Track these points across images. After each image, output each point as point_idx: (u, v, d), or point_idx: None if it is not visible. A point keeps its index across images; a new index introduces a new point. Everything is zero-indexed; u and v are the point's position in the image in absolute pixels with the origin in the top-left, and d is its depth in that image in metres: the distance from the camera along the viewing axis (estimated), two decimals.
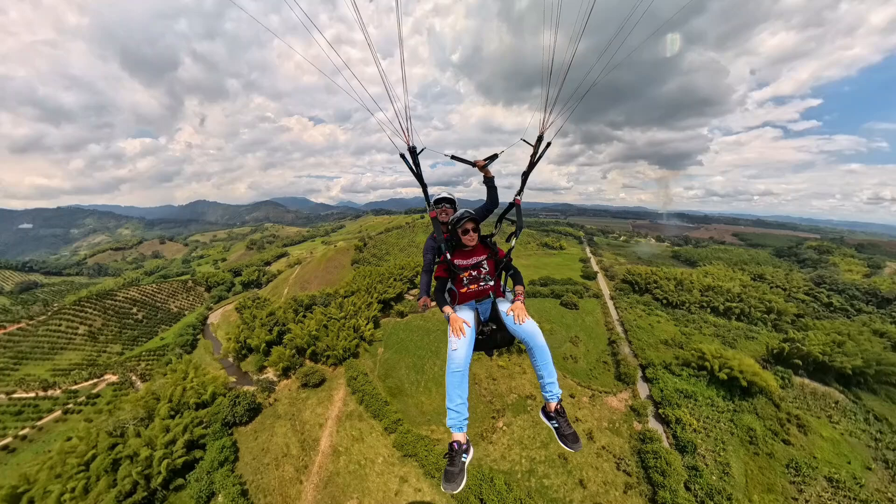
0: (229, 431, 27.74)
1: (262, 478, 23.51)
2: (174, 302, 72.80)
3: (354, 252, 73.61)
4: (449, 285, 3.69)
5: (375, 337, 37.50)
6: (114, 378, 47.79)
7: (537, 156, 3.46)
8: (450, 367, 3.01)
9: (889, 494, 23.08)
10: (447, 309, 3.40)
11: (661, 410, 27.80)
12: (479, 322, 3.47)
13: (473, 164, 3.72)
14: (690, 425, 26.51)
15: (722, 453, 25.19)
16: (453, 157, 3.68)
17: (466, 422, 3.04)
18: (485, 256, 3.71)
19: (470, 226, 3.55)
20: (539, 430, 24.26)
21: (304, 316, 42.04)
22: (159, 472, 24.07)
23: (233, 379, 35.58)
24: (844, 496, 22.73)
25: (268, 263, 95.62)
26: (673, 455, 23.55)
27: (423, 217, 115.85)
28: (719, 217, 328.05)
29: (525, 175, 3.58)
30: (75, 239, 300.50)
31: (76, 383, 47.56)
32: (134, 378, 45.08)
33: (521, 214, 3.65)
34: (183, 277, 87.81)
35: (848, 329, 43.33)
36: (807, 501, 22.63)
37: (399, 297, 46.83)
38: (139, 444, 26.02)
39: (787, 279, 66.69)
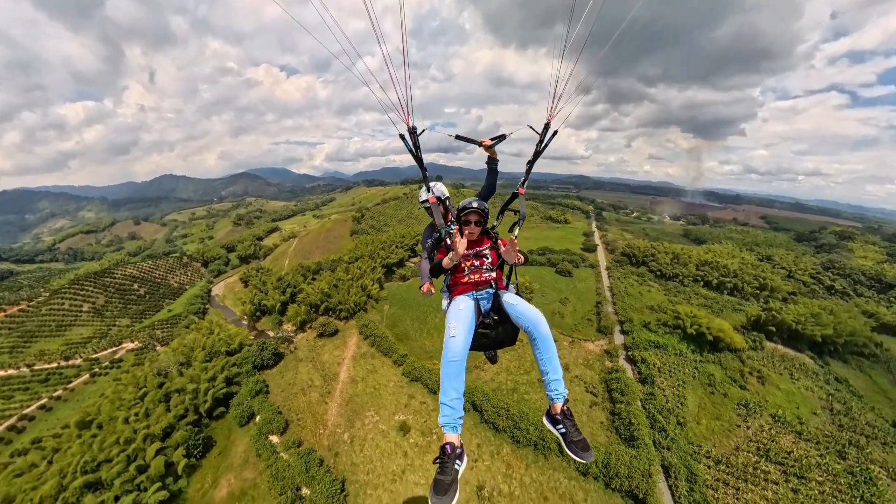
0: (258, 373, 35.41)
1: (292, 403, 31.31)
2: (173, 277, 79.81)
3: (353, 223, 79.78)
4: (447, 279, 3.77)
5: (381, 296, 44.71)
6: (132, 345, 55.64)
7: (543, 145, 3.52)
8: (446, 356, 3.00)
9: (825, 432, 29.73)
10: (450, 256, 3.38)
11: (630, 353, 35.36)
12: (479, 314, 3.48)
13: (479, 144, 3.75)
14: (654, 364, 34.09)
15: (680, 388, 32.74)
16: (458, 138, 3.75)
17: (461, 420, 2.95)
18: (487, 246, 3.77)
19: (473, 218, 3.61)
20: (523, 361, 31.74)
21: (314, 279, 49.09)
22: (205, 401, 31.85)
23: (252, 336, 43.04)
24: (782, 428, 29.83)
25: (260, 238, 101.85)
26: (634, 384, 31.21)
27: (421, 187, 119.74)
28: (753, 198, 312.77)
29: (529, 164, 3.66)
30: (33, 225, 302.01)
31: (96, 352, 55.39)
32: (154, 343, 52.78)
33: (524, 204, 3.76)
34: (176, 254, 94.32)
35: (832, 306, 49.83)
36: (748, 428, 30.05)
37: (401, 263, 53.73)
38: (184, 381, 33.68)
39: (794, 262, 71.29)
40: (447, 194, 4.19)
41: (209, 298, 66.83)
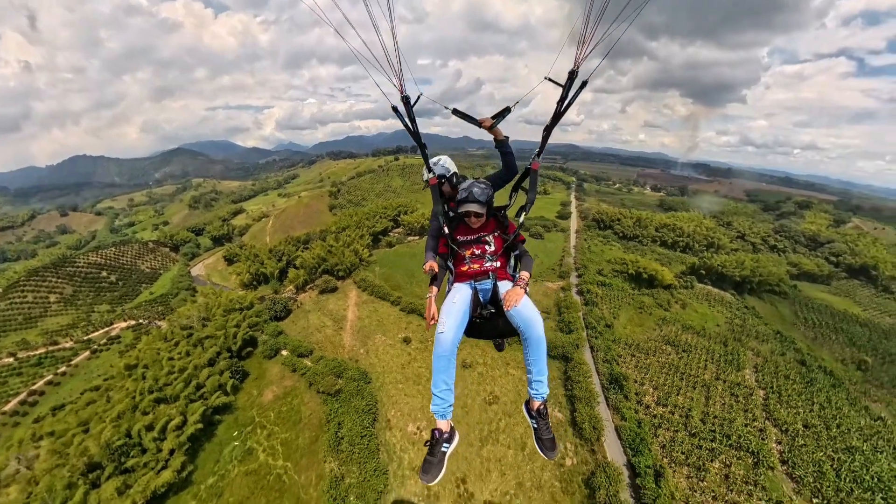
0: (275, 322, 47.78)
1: (311, 338, 44.22)
2: (143, 263, 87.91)
3: (329, 199, 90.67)
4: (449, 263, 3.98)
5: (371, 260, 57.50)
6: (124, 324, 65.44)
7: (566, 103, 3.14)
8: (436, 350, 3.33)
9: (719, 333, 46.06)
10: (432, 289, 3.78)
11: (580, 287, 50.87)
12: (477, 304, 3.71)
13: (479, 124, 3.62)
14: (598, 294, 49.70)
15: (616, 309, 48.55)
16: (455, 112, 3.70)
17: (451, 409, 3.44)
18: (492, 231, 3.90)
19: (473, 211, 3.66)
20: None
21: (305, 248, 60.89)
22: (236, 342, 43.98)
23: (258, 298, 54.73)
24: (686, 330, 45.88)
25: (226, 220, 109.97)
26: (579, 304, 46.57)
27: (396, 159, 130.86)
28: (745, 171, 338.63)
29: (547, 130, 3.39)
30: None
31: (87, 334, 64.73)
32: (153, 318, 63.04)
33: (537, 183, 3.71)
34: (132, 242, 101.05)
35: (759, 257, 68.51)
36: (661, 331, 46.10)
37: (385, 232, 66.42)
38: (211, 330, 45.43)
39: (750, 227, 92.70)
40: (452, 169, 4.26)
41: (192, 280, 76.67)
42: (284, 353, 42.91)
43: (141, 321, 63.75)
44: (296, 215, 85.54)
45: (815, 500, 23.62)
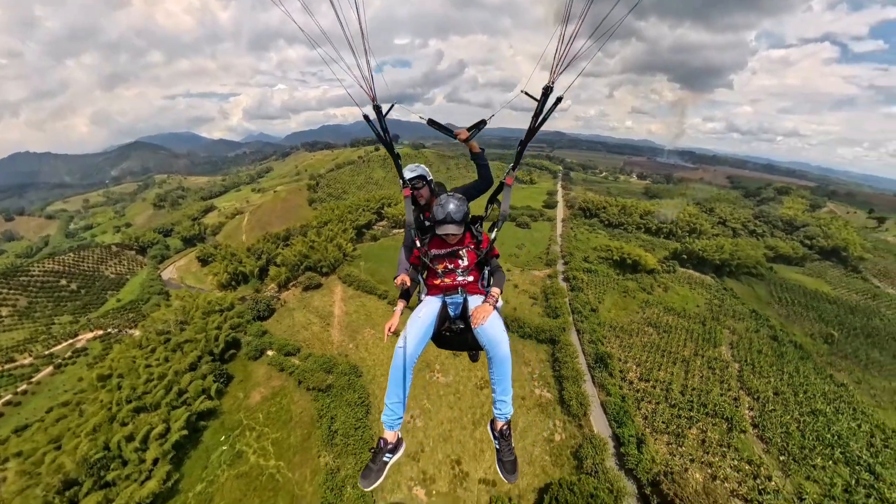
0: (259, 322, 47.91)
1: (297, 336, 44.79)
2: (108, 268, 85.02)
3: (308, 192, 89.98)
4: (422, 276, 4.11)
5: (355, 255, 58.05)
6: (90, 335, 63.59)
7: (541, 117, 3.25)
8: (393, 363, 3.48)
9: (698, 314, 49.86)
10: (399, 304, 4.07)
11: (566, 274, 53.28)
12: (446, 318, 3.90)
13: (454, 136, 3.71)
14: (584, 280, 52.26)
15: (601, 294, 51.30)
16: (430, 123, 3.81)
17: (400, 421, 3.57)
18: (465, 245, 3.93)
19: (451, 231, 3.66)
20: None
21: (286, 245, 60.75)
22: (218, 344, 44.00)
23: (238, 299, 54.46)
24: (668, 312, 49.12)
25: (196, 219, 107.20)
26: (565, 290, 48.93)
27: (377, 149, 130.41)
28: (729, 158, 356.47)
29: (522, 145, 3.49)
30: None
31: (48, 348, 62.51)
32: (124, 326, 61.61)
33: (509, 197, 3.71)
34: (92, 246, 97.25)
35: (739, 241, 73.12)
36: (644, 313, 49.12)
37: (369, 225, 66.91)
38: (190, 333, 45.19)
39: (731, 213, 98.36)
40: (428, 176, 4.34)
41: (164, 283, 74.94)
42: (270, 353, 43.35)
43: (110, 330, 62.21)
44: (273, 211, 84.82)
45: (781, 458, 26.62)
